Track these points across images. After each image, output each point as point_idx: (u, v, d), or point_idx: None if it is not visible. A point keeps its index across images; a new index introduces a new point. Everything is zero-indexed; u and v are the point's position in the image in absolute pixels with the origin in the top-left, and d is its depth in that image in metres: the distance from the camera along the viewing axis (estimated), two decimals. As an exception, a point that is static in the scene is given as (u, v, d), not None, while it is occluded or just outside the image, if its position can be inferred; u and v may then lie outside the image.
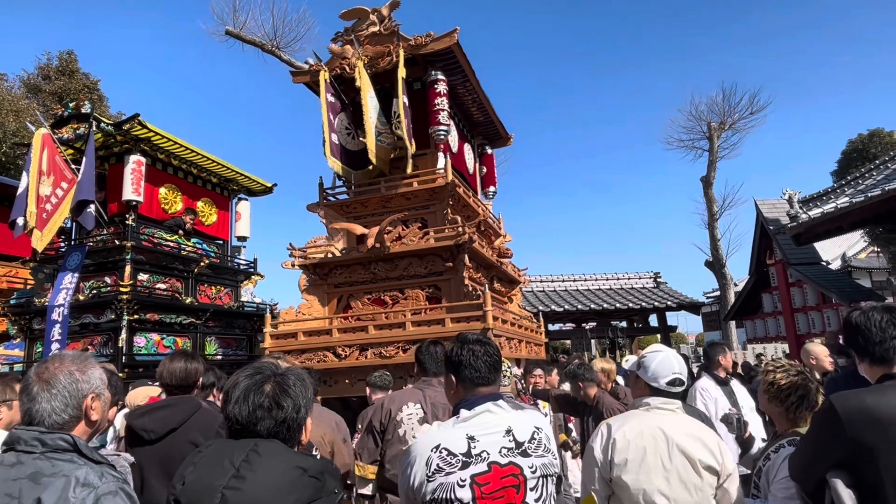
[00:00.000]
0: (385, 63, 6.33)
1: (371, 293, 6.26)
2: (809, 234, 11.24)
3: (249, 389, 1.35)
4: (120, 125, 7.20)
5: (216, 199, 9.07)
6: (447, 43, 6.21)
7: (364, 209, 6.62)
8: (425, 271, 6.08)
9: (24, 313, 7.45)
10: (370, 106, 6.08)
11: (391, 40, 6.35)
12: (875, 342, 1.85)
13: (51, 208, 6.87)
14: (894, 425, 1.65)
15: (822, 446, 1.81)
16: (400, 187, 6.40)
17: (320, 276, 6.42)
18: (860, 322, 1.90)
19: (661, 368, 2.22)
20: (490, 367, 1.87)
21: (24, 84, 19.11)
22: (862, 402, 1.75)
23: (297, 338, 5.83)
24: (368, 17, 6.46)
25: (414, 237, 6.15)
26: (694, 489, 1.99)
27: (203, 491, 1.20)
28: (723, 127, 18.34)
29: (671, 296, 17.10)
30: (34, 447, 1.40)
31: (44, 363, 1.56)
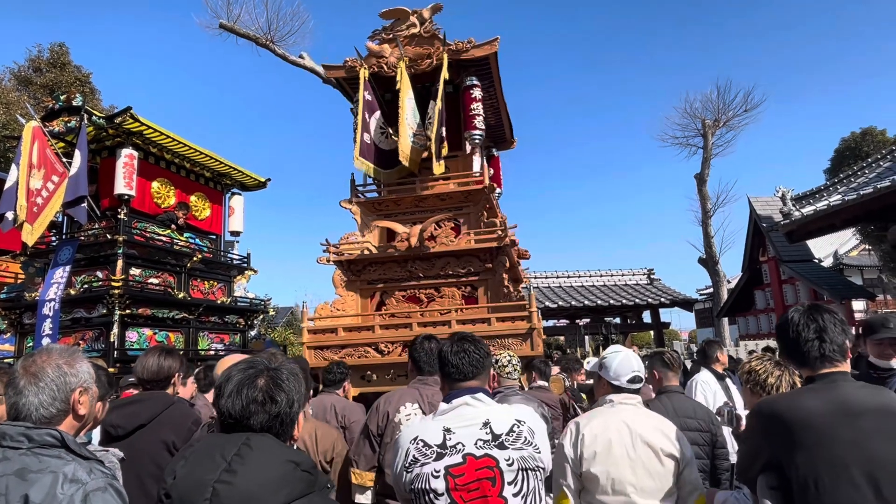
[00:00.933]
0: (424, 65, 6.41)
1: (406, 291, 6.33)
2: (802, 231, 11.30)
3: (243, 383, 1.34)
4: (112, 118, 7.13)
5: (209, 194, 9.01)
6: (487, 51, 6.35)
7: (396, 207, 6.65)
8: (463, 271, 6.23)
9: (15, 308, 7.39)
10: (408, 108, 6.14)
11: (431, 43, 6.43)
12: (797, 345, 1.84)
13: (41, 202, 6.80)
14: (805, 429, 1.66)
15: (751, 448, 1.84)
16: (435, 188, 6.50)
17: (354, 272, 6.46)
18: (781, 324, 1.91)
19: (621, 368, 2.39)
20: (471, 364, 1.91)
21: (15, 76, 18.91)
22: (776, 406, 1.78)
23: (336, 333, 5.87)
24: (409, 18, 6.51)
25: (447, 238, 6.29)
26: (657, 476, 2.15)
27: (194, 485, 1.19)
28: (717, 124, 18.39)
29: (665, 292, 17.15)
30: (20, 443, 1.37)
31: (31, 356, 1.53)
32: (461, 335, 2.02)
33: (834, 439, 1.63)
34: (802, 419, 1.67)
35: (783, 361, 2.23)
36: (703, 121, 18.43)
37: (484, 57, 6.42)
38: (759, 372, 2.37)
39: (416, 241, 5.91)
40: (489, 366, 2.02)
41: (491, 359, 2.07)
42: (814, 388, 1.78)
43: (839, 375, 1.78)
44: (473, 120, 6.37)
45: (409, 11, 6.52)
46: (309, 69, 13.48)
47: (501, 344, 5.44)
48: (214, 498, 1.16)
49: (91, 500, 1.32)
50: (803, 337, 1.82)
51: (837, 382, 1.75)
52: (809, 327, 1.82)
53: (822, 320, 1.82)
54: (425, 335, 3.26)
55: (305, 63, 13.48)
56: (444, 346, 1.98)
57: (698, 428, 3.14)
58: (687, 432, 2.83)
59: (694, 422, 3.14)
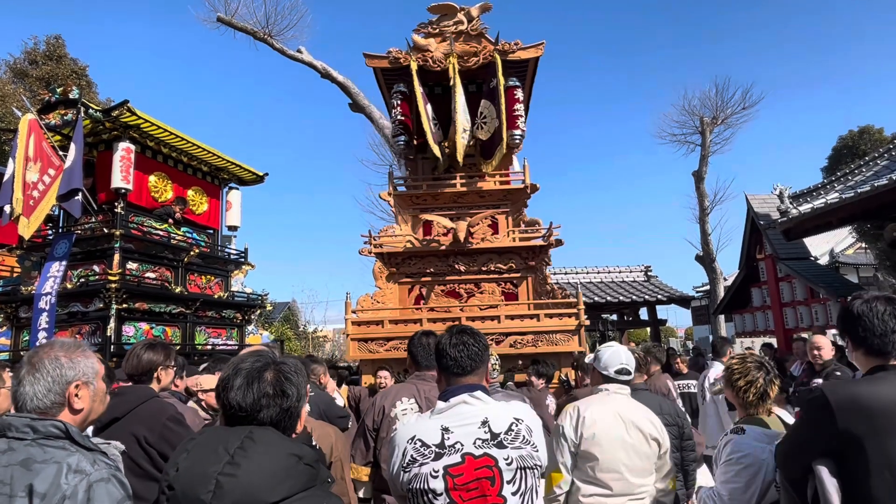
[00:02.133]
0: (471, 63, 6.38)
1: (445, 285, 6.43)
2: (799, 229, 11.32)
3: (252, 377, 1.34)
4: (109, 112, 7.09)
5: (207, 188, 8.98)
6: (533, 54, 6.40)
7: (434, 202, 6.69)
8: (504, 267, 6.37)
9: (11, 301, 7.36)
10: (460, 105, 6.12)
11: (478, 41, 6.43)
12: (876, 334, 1.83)
13: (38, 195, 6.77)
14: (884, 416, 1.66)
15: (812, 435, 1.82)
16: (477, 184, 6.56)
17: (394, 264, 6.51)
18: (863, 311, 1.87)
19: (610, 360, 2.71)
20: (470, 357, 1.89)
21: (11, 69, 18.79)
22: (853, 392, 1.76)
23: (382, 326, 5.88)
24: (456, 14, 6.49)
25: (483, 234, 6.42)
26: (645, 458, 2.50)
27: (197, 477, 1.20)
28: (715, 122, 18.40)
29: (662, 289, 17.18)
30: (25, 433, 1.39)
31: (36, 349, 1.57)
32: (460, 327, 1.99)
33: None
34: (879, 406, 1.66)
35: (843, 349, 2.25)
36: (701, 118, 18.44)
37: (527, 59, 6.45)
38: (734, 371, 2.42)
39: (463, 235, 6.04)
40: (487, 360, 2.00)
41: (489, 352, 2.06)
42: (886, 376, 1.76)
43: None
44: (517, 120, 6.38)
45: (458, 8, 6.51)
46: (307, 63, 13.42)
47: (550, 340, 5.60)
48: (218, 490, 1.17)
49: (94, 491, 1.34)
50: (889, 327, 1.80)
51: None
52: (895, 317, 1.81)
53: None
54: (423, 331, 3.27)
55: (303, 57, 13.43)
56: (441, 339, 1.95)
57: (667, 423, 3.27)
58: None
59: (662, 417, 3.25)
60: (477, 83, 6.76)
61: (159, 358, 2.81)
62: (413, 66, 6.21)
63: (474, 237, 6.32)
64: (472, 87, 6.67)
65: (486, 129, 6.34)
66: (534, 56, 6.42)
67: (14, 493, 1.30)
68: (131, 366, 2.74)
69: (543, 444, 1.89)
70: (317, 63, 13.32)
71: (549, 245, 6.20)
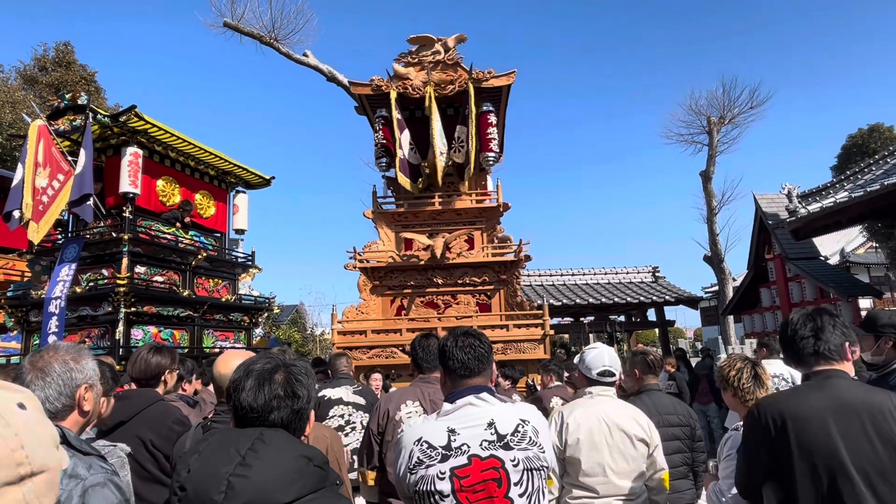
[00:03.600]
0: (447, 90, 6.92)
1: (425, 297, 6.97)
2: (808, 228, 11.22)
3: (263, 378, 1.35)
4: (117, 117, 7.15)
5: (214, 192, 9.03)
6: (505, 82, 6.92)
7: (414, 219, 7.29)
8: (478, 280, 6.85)
9: (21, 305, 7.43)
10: (437, 130, 6.66)
11: (454, 70, 6.97)
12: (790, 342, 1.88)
13: (47, 200, 6.83)
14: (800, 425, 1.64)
15: (751, 452, 1.82)
16: (454, 203, 7.15)
17: (377, 277, 7.03)
18: (782, 325, 1.96)
19: (593, 362, 2.65)
20: (474, 359, 1.88)
21: (21, 75, 18.99)
22: (773, 403, 1.76)
23: (365, 335, 6.38)
24: (434, 45, 7.03)
25: (460, 249, 6.96)
26: (630, 459, 2.46)
27: (209, 478, 1.20)
28: (722, 121, 18.26)
29: (669, 290, 17.08)
30: None
31: (38, 352, 1.55)
32: (463, 330, 1.98)
33: (829, 436, 1.62)
34: (799, 414, 1.65)
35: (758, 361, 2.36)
36: (708, 118, 18.31)
37: (500, 87, 6.95)
38: (723, 367, 2.54)
39: (440, 252, 6.52)
40: (492, 361, 1.99)
41: (493, 354, 2.05)
42: (809, 384, 1.78)
43: (834, 373, 1.78)
44: (490, 143, 6.88)
45: (435, 39, 7.02)
46: (313, 67, 13.47)
47: (518, 348, 6.07)
48: (229, 491, 1.17)
49: (90, 495, 1.33)
50: (799, 335, 1.85)
51: (832, 379, 1.75)
52: (806, 326, 1.86)
53: (820, 321, 1.85)
54: (424, 333, 3.26)
55: (309, 61, 13.47)
56: (446, 341, 1.94)
57: (679, 423, 3.24)
58: (668, 428, 3.08)
59: (674, 417, 3.24)
60: (455, 107, 7.32)
61: (166, 361, 2.82)
62: (392, 95, 6.80)
63: (452, 252, 6.79)
64: (450, 110, 7.20)
65: (461, 152, 6.85)
66: (505, 84, 6.90)
67: None
68: (139, 370, 2.73)
69: (550, 445, 1.88)
70: (323, 66, 13.36)
71: (518, 260, 6.64)
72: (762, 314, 14.68)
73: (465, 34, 7.08)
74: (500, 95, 7.16)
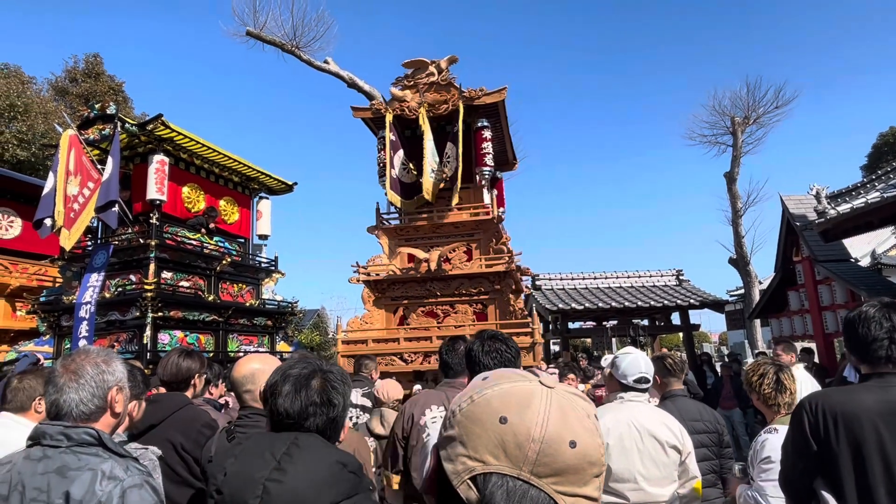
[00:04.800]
0: (442, 110, 7.34)
1: (425, 307, 7.29)
2: (838, 230, 10.93)
3: (299, 384, 1.35)
4: (144, 126, 7.31)
5: (238, 198, 9.16)
6: (496, 98, 7.28)
7: (416, 233, 7.60)
8: (475, 291, 7.16)
9: (54, 311, 7.62)
10: (429, 150, 7.08)
11: (448, 90, 7.38)
12: (861, 339, 1.79)
13: (78, 207, 7.00)
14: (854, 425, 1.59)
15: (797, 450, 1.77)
16: (450, 217, 7.46)
17: (380, 290, 7.40)
18: (853, 318, 1.85)
19: (629, 368, 2.59)
20: (501, 364, 1.87)
21: (53, 87, 19.56)
22: (827, 400, 1.70)
23: (366, 344, 6.75)
24: (427, 67, 7.49)
25: (460, 261, 7.26)
26: (662, 466, 2.42)
27: (245, 482, 1.21)
28: (747, 121, 17.93)
29: (694, 294, 16.78)
30: (59, 441, 1.41)
31: (69, 356, 1.58)
32: (491, 333, 1.97)
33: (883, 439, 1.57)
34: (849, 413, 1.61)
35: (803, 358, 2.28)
36: (732, 118, 17.99)
37: (494, 103, 7.30)
38: (748, 371, 2.53)
39: (434, 265, 6.88)
40: (520, 366, 1.97)
41: (521, 358, 2.03)
42: (867, 385, 1.71)
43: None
44: (484, 157, 7.31)
45: (429, 62, 7.47)
46: (334, 74, 13.61)
47: None
48: (265, 495, 1.18)
49: (128, 496, 1.35)
50: (872, 334, 1.75)
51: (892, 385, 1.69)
52: (883, 326, 1.76)
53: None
54: (453, 336, 3.22)
55: (330, 68, 13.61)
56: (473, 346, 1.93)
57: (705, 430, 3.15)
58: (695, 435, 2.96)
59: (701, 424, 3.15)
60: (452, 124, 7.54)
61: (196, 365, 2.86)
62: (388, 118, 7.20)
63: (449, 264, 7.13)
64: (448, 127, 7.53)
65: (450, 168, 7.20)
66: (497, 100, 7.27)
67: (51, 501, 1.32)
68: (170, 374, 2.77)
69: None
70: (343, 73, 13.49)
71: (509, 271, 6.90)
72: (790, 318, 14.35)
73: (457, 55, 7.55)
74: (497, 111, 7.53)
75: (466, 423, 0.70)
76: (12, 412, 2.38)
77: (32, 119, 16.33)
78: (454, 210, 7.47)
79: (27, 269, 9.78)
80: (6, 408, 2.40)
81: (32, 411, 2.37)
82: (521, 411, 0.67)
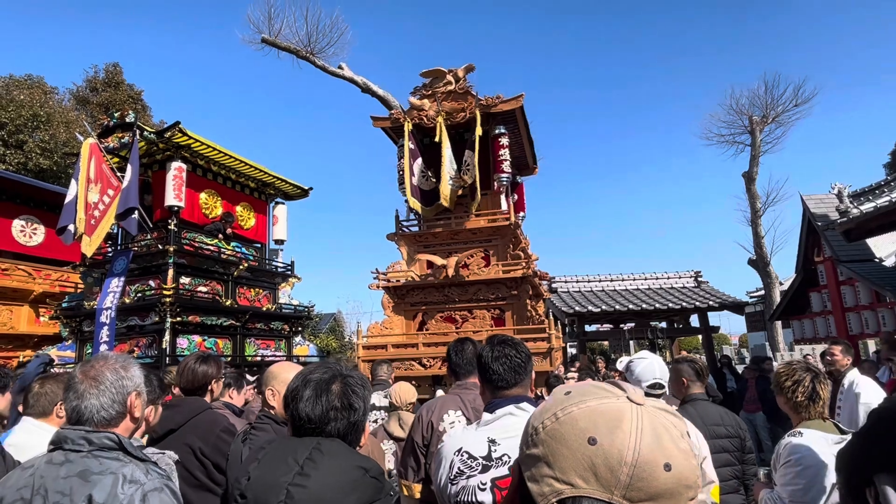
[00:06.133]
0: (459, 118, 7.44)
1: (444, 312, 7.39)
2: (861, 229, 10.72)
3: (320, 388, 1.35)
4: (162, 133, 7.41)
5: (254, 204, 9.25)
6: (513, 105, 7.34)
7: (434, 240, 7.72)
8: (493, 296, 7.20)
9: (75, 316, 7.74)
10: (447, 157, 7.18)
11: (465, 98, 7.46)
12: None
13: (98, 214, 7.11)
14: None
15: (872, 446, 1.73)
16: (468, 223, 7.54)
17: (399, 295, 7.55)
18: None
19: (644, 373, 2.59)
20: (511, 370, 1.86)
21: (74, 96, 19.97)
22: None
23: (386, 349, 6.89)
24: (445, 76, 7.56)
25: (478, 267, 7.35)
26: None
27: (269, 486, 1.22)
28: (765, 120, 17.68)
29: (713, 295, 16.55)
30: (81, 446, 1.43)
31: (88, 362, 1.59)
32: (501, 338, 1.96)
33: None
34: None
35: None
36: (750, 117, 17.75)
37: (512, 110, 7.37)
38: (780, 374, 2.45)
39: (452, 271, 7.00)
40: (531, 370, 1.97)
41: (532, 362, 2.03)
42: None
43: None
44: (502, 164, 7.33)
45: (446, 71, 7.52)
46: (348, 79, 13.70)
47: None
48: (289, 500, 1.18)
49: (149, 500, 1.37)
50: None
51: None
52: None
53: None
54: (461, 338, 3.15)
55: (345, 73, 13.71)
56: (483, 351, 1.93)
57: (727, 434, 3.07)
58: (716, 440, 2.91)
59: (722, 428, 3.06)
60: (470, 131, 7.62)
61: (213, 370, 2.87)
62: (406, 128, 7.36)
63: (468, 269, 7.24)
64: (467, 134, 7.58)
65: (469, 175, 7.28)
66: (514, 107, 7.32)
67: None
68: (187, 379, 2.78)
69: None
70: (357, 78, 13.58)
71: (527, 276, 6.91)
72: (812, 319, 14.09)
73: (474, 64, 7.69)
74: (515, 118, 7.54)
75: (552, 442, 0.67)
76: (34, 417, 2.42)
77: (55, 128, 16.69)
78: (472, 216, 7.53)
79: (50, 276, 9.96)
80: (28, 412, 2.43)
81: (54, 416, 2.40)
82: (612, 432, 0.64)
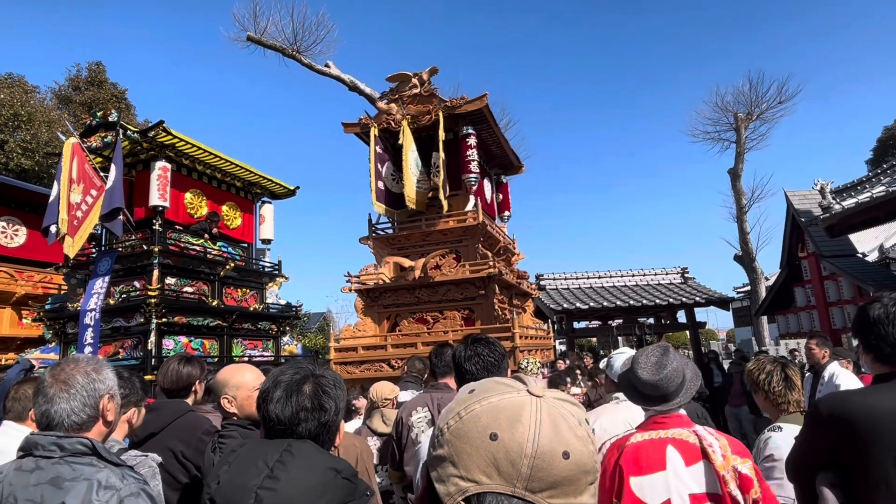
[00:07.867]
0: (425, 120, 7.52)
1: (415, 314, 7.44)
2: (843, 225, 10.88)
3: (291, 389, 1.34)
4: (146, 132, 7.32)
5: (240, 203, 9.17)
6: (477, 106, 7.40)
7: (407, 242, 7.79)
8: (461, 296, 7.24)
9: (59, 318, 7.64)
10: (411, 160, 7.26)
11: (430, 101, 7.54)
12: (888, 342, 1.72)
13: (81, 215, 7.01)
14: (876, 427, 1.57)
15: (809, 447, 1.78)
16: (438, 224, 7.60)
17: (372, 298, 7.63)
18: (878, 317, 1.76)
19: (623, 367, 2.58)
20: (483, 369, 1.90)
21: (56, 95, 19.67)
22: (847, 401, 1.69)
23: (357, 351, 6.98)
24: (410, 80, 7.65)
25: (450, 267, 7.38)
26: None
27: (237, 490, 1.21)
28: (750, 117, 17.87)
29: (699, 291, 16.72)
30: (52, 452, 1.39)
31: (58, 365, 1.54)
32: (474, 337, 1.98)
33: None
34: (876, 416, 1.58)
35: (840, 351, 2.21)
36: (735, 114, 17.93)
37: (478, 110, 7.41)
38: (752, 370, 2.50)
39: (419, 272, 7.08)
40: (506, 367, 1.98)
41: (507, 360, 2.04)
42: (890, 386, 1.68)
43: None
44: (469, 164, 7.41)
45: (411, 75, 7.64)
46: (335, 77, 13.64)
47: None
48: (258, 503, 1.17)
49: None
50: (890, 332, 1.71)
51: None
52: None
53: None
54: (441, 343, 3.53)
55: (331, 72, 13.64)
56: (457, 351, 1.95)
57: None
58: None
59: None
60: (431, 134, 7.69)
61: (196, 371, 2.84)
62: (373, 132, 7.44)
63: (439, 270, 7.31)
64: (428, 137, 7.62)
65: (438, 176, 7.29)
66: (478, 107, 7.38)
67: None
68: (171, 381, 2.75)
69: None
70: (344, 76, 13.52)
71: (492, 276, 6.98)
72: (797, 314, 14.27)
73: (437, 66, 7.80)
74: (484, 117, 7.59)
75: (456, 441, 0.68)
76: (13, 421, 2.39)
77: (36, 128, 16.43)
78: (443, 218, 7.60)
79: (32, 277, 9.82)
80: (7, 417, 2.40)
81: (30, 420, 2.36)
82: (512, 426, 0.65)
